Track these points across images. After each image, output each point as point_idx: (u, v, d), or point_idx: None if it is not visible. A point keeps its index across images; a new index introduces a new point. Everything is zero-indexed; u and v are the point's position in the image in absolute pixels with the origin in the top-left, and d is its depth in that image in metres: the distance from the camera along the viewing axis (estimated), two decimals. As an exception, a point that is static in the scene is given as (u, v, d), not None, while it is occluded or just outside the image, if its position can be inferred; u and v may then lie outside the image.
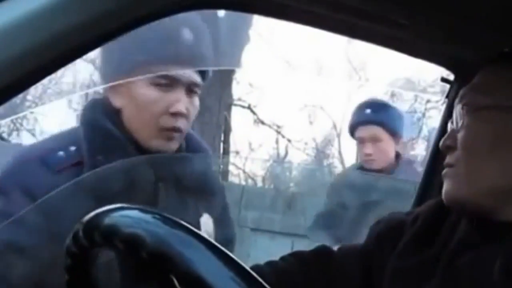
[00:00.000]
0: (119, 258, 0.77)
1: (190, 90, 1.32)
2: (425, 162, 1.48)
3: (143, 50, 1.28)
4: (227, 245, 1.21)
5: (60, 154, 1.25)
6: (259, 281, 0.62)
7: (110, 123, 1.29)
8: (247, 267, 0.63)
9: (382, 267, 1.08)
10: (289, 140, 12.43)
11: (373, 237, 1.15)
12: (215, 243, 0.64)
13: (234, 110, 11.28)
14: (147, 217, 0.68)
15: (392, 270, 1.06)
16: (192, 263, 0.61)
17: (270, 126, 12.16)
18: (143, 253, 0.64)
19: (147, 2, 0.73)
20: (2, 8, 0.66)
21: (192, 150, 1.42)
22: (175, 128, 1.30)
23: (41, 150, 1.28)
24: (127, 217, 0.68)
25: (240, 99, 11.53)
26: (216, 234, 1.37)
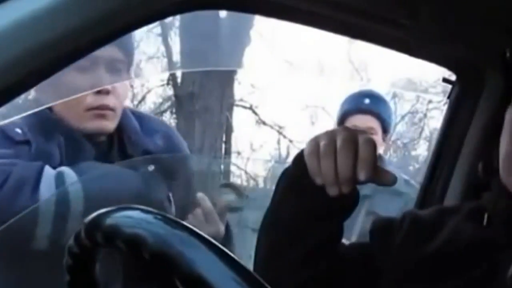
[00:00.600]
0: (121, 258, 0.77)
1: (112, 67, 1.34)
2: (427, 163, 1.48)
3: None
4: None
5: (17, 130, 1.35)
6: (260, 281, 0.62)
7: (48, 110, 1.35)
8: (249, 268, 0.63)
9: (382, 266, 1.08)
10: (290, 141, 12.42)
11: (372, 235, 1.15)
12: (217, 243, 0.64)
13: (236, 110, 11.28)
14: (149, 217, 0.68)
15: (392, 269, 1.06)
16: (194, 263, 0.61)
17: (272, 127, 12.16)
18: (145, 253, 0.64)
19: (148, 3, 0.73)
20: (4, 8, 0.66)
21: (170, 150, 1.46)
22: (103, 106, 1.33)
23: (5, 125, 1.38)
24: (129, 217, 0.68)
25: (241, 100, 11.53)
26: None
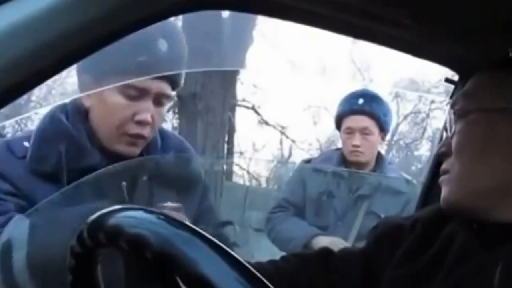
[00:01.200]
0: (123, 258, 0.78)
1: (158, 101, 1.38)
2: (429, 163, 1.48)
3: (139, 52, 1.33)
4: None
5: (25, 144, 1.36)
6: (263, 281, 0.62)
7: (64, 118, 1.37)
8: (251, 268, 0.63)
9: (381, 272, 1.08)
10: (293, 141, 12.44)
11: (371, 241, 1.16)
12: (220, 243, 0.64)
13: (238, 110, 11.30)
14: (152, 217, 0.68)
15: (389, 277, 1.07)
16: (197, 263, 0.61)
17: (274, 127, 12.17)
18: (148, 253, 0.64)
19: (151, 3, 0.73)
20: (6, 9, 0.66)
21: (172, 149, 1.48)
22: (139, 135, 1.38)
23: (10, 139, 1.41)
24: (132, 217, 0.68)
25: (244, 100, 11.55)
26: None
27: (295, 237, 2.48)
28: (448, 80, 1.30)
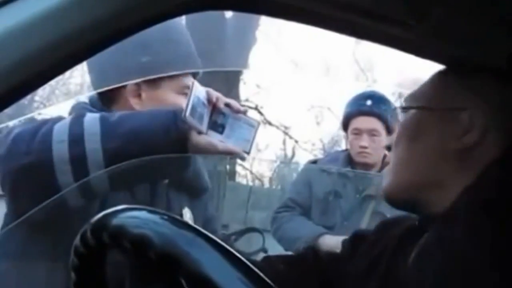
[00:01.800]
0: (127, 258, 0.78)
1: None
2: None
3: (143, 52, 1.32)
4: None
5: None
6: (266, 281, 0.62)
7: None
8: (254, 268, 0.63)
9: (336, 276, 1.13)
10: (296, 141, 12.43)
11: (343, 244, 1.21)
12: (223, 243, 0.64)
13: (241, 111, 11.27)
14: (155, 217, 0.68)
15: (342, 276, 1.12)
16: (200, 263, 0.61)
17: (277, 127, 12.17)
18: (151, 253, 0.64)
19: (154, 4, 0.73)
20: (10, 9, 0.66)
21: (189, 172, 1.49)
22: None
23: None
24: (135, 217, 0.68)
25: (247, 100, 11.53)
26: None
27: (301, 236, 2.48)
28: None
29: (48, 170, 1.19)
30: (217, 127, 1.32)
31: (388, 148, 1.07)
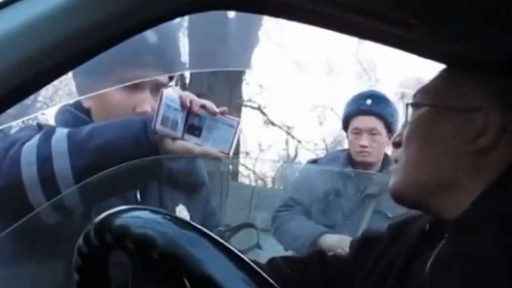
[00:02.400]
0: (130, 258, 0.78)
1: (157, 90, 1.36)
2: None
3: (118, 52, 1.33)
4: None
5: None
6: (269, 281, 0.63)
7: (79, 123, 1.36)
8: (257, 268, 0.63)
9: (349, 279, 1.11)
10: (299, 141, 12.42)
11: (352, 247, 1.19)
12: (225, 243, 0.64)
13: (244, 111, 11.28)
14: (158, 218, 0.68)
15: (350, 279, 1.10)
16: (203, 263, 0.61)
17: (280, 127, 12.16)
18: (154, 253, 0.64)
19: (157, 4, 0.73)
20: (13, 9, 0.67)
21: (189, 173, 1.51)
22: None
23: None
24: (138, 218, 0.68)
25: (250, 100, 11.54)
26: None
27: (301, 235, 2.47)
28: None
29: (19, 193, 1.21)
30: (193, 130, 1.30)
31: (396, 145, 1.04)
